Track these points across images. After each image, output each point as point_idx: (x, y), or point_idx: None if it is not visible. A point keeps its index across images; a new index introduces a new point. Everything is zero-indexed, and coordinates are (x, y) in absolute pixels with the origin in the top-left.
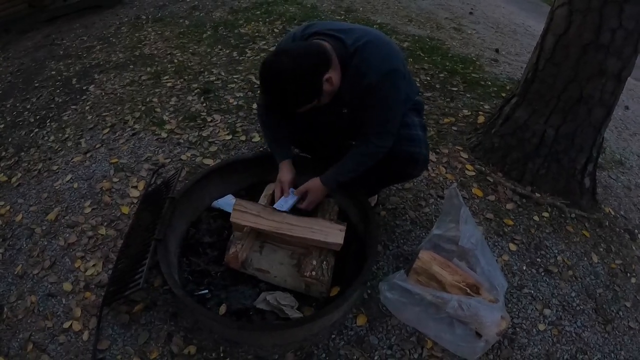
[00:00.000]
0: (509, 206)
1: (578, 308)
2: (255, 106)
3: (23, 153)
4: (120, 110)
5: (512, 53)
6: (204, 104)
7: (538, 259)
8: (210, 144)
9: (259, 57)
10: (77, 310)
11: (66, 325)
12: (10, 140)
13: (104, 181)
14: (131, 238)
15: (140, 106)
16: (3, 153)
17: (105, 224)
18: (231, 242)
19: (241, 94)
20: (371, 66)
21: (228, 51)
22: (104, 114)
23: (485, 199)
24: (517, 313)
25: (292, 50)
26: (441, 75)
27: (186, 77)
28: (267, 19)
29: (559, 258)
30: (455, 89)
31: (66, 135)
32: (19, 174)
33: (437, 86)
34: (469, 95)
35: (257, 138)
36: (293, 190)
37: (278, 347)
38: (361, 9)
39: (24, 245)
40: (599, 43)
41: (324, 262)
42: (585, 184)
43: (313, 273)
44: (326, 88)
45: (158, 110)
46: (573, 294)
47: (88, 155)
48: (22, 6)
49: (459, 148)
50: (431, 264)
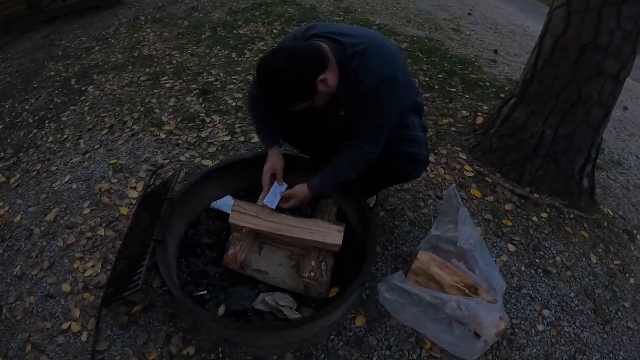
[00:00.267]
0: (508, 207)
1: (577, 309)
2: (246, 94)
3: (22, 154)
4: (119, 111)
5: (511, 54)
6: (203, 105)
7: (537, 260)
8: (209, 145)
9: (258, 59)
10: (76, 311)
11: (65, 326)
12: (9, 141)
13: (103, 182)
14: (130, 239)
15: (139, 107)
16: (2, 154)
17: (104, 225)
18: (230, 244)
19: (240, 95)
20: (370, 72)
21: (227, 52)
22: (103, 115)
23: (484, 200)
24: (516, 314)
25: (290, 48)
26: (440, 76)
27: (185, 78)
28: (266, 20)
29: (558, 259)
30: (454, 90)
31: (65, 136)
32: (18, 175)
33: (436, 87)
34: (468, 96)
35: (256, 139)
36: (285, 188)
37: (277, 348)
38: (360, 10)
39: (23, 246)
40: (598, 44)
41: (323, 263)
42: (584, 185)
43: (312, 274)
44: (321, 89)
45: (157, 111)
46: (572, 295)
47: (87, 156)
48: (21, 7)
49: (458, 149)
50: (430, 265)
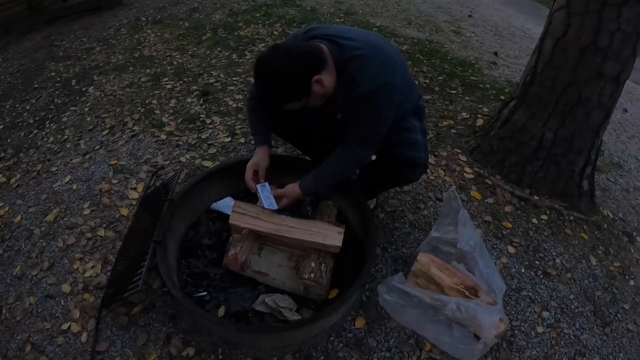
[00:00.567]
0: (508, 209)
1: (576, 310)
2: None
3: (22, 154)
4: (119, 111)
5: (511, 56)
6: (203, 106)
7: (536, 262)
8: (209, 146)
9: None
10: (76, 311)
11: (65, 326)
12: (9, 141)
13: (103, 183)
14: (130, 240)
15: (139, 108)
16: (2, 154)
17: (104, 226)
18: (230, 245)
19: (240, 96)
20: (366, 76)
21: (227, 53)
22: (103, 116)
23: (483, 202)
24: (516, 315)
25: (287, 47)
26: (440, 78)
27: (185, 79)
28: (267, 22)
29: (558, 261)
30: (454, 92)
31: (65, 136)
32: (18, 175)
33: (436, 89)
34: (468, 98)
35: None
36: (267, 184)
37: (277, 349)
38: (360, 12)
39: (23, 246)
40: (598, 46)
41: (323, 265)
42: (583, 187)
43: (312, 275)
44: (316, 89)
45: (157, 112)
46: (571, 297)
47: (87, 156)
48: (22, 7)
49: (458, 151)
50: (430, 267)
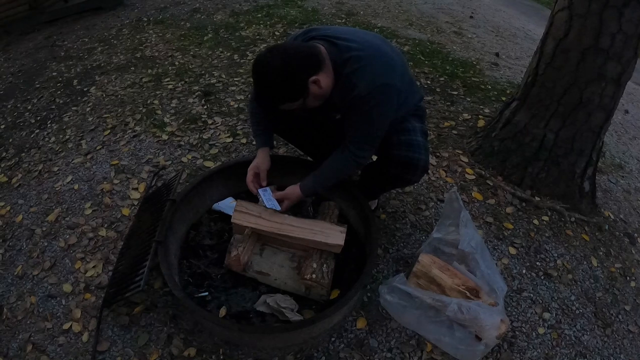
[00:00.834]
0: (509, 210)
1: (577, 312)
2: (248, 96)
3: (24, 154)
4: (121, 112)
5: (512, 57)
6: (205, 107)
7: (538, 263)
8: (211, 147)
9: None
10: (77, 311)
11: (66, 326)
12: (10, 141)
13: (105, 183)
14: (131, 240)
15: (141, 108)
16: (4, 154)
17: (105, 226)
18: (232, 245)
19: (242, 97)
20: (364, 78)
21: (229, 54)
22: (105, 116)
23: (485, 203)
24: (517, 316)
25: (284, 48)
26: (441, 79)
27: (187, 80)
28: (268, 22)
29: (559, 262)
30: (455, 93)
31: (67, 136)
32: (20, 175)
33: (438, 90)
34: (469, 99)
35: None
36: (269, 188)
37: (278, 350)
38: (362, 13)
39: (24, 246)
40: (599, 47)
41: (324, 265)
42: (585, 188)
43: (313, 276)
44: (313, 90)
45: (159, 112)
46: (572, 298)
47: (89, 156)
48: (23, 7)
49: (459, 152)
50: (431, 267)
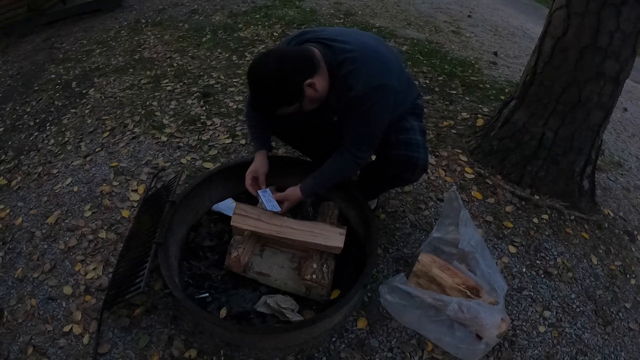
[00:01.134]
0: (508, 209)
1: (578, 310)
2: (246, 97)
3: (23, 156)
4: (120, 113)
5: (511, 56)
6: (204, 108)
7: (538, 261)
8: (210, 148)
9: None
10: (78, 313)
11: (66, 328)
12: (10, 143)
13: (104, 185)
14: (131, 242)
15: (140, 110)
16: (3, 156)
17: (105, 228)
18: (232, 246)
19: (241, 98)
20: (359, 79)
21: (227, 55)
22: (104, 118)
23: (484, 202)
24: (517, 315)
25: (278, 51)
26: (440, 78)
27: (186, 81)
28: (267, 23)
29: (559, 260)
30: (454, 92)
31: (66, 138)
32: (19, 178)
33: (436, 89)
34: (468, 98)
35: None
36: (268, 189)
37: (279, 350)
38: (360, 13)
39: (24, 248)
40: (597, 46)
41: (324, 266)
42: (584, 186)
43: (313, 276)
44: (309, 93)
45: (158, 113)
46: (573, 296)
47: (88, 158)
48: (22, 10)
49: (458, 151)
50: (431, 267)
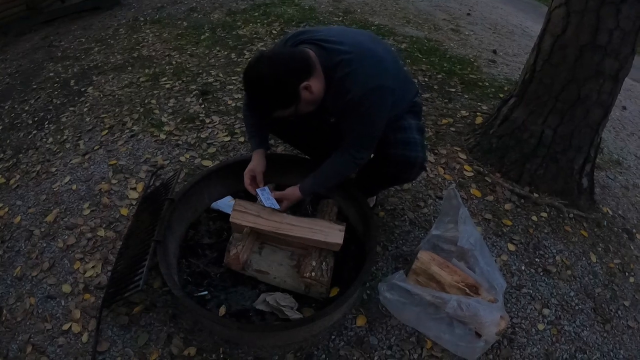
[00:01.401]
0: (508, 206)
1: (577, 307)
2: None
3: (21, 155)
4: (118, 111)
5: (510, 54)
6: (203, 106)
7: (537, 259)
8: (209, 146)
9: None
10: (77, 312)
11: (65, 327)
12: (8, 142)
13: (103, 183)
14: (130, 240)
15: (138, 108)
16: (1, 155)
17: (104, 226)
18: (231, 244)
19: (239, 96)
20: (355, 81)
21: (226, 53)
22: (103, 116)
23: (483, 200)
24: (516, 313)
25: (274, 54)
26: (439, 76)
27: (184, 79)
28: (265, 21)
29: (558, 258)
30: (453, 90)
31: (64, 137)
32: (17, 176)
33: (435, 87)
34: (467, 96)
35: None
36: (267, 187)
37: (278, 348)
38: (359, 11)
39: (23, 247)
40: (597, 44)
41: (324, 263)
42: (583, 184)
43: (312, 274)
44: (305, 96)
45: (156, 111)
46: (572, 294)
47: (87, 157)
48: (20, 8)
49: (457, 149)
50: (430, 265)
